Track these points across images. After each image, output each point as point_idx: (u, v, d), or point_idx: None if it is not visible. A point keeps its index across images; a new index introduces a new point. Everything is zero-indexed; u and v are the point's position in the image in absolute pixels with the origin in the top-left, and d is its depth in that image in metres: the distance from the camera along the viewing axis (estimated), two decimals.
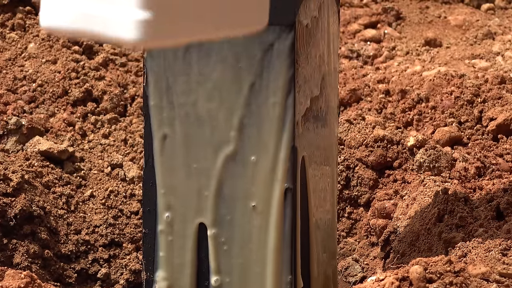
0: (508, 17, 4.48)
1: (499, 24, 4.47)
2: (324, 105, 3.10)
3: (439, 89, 3.92)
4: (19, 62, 4.00)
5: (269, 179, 2.91)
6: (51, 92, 3.92)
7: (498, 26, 4.47)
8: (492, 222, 3.37)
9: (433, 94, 3.91)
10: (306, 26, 2.95)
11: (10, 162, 3.91)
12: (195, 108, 2.96)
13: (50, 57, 3.95)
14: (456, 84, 3.90)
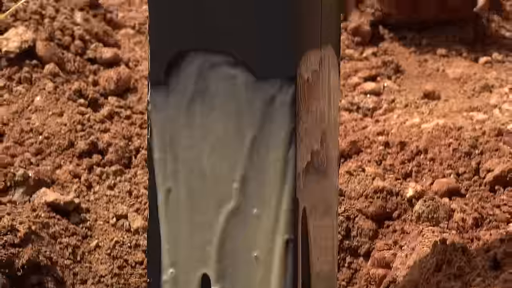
0: (505, 71, 4.51)
1: (496, 77, 4.49)
2: (324, 157, 3.06)
3: (438, 141, 3.94)
4: (26, 115, 4.02)
5: (271, 231, 2.85)
6: (57, 144, 3.95)
7: (495, 79, 4.50)
8: (489, 272, 3.32)
9: (431, 146, 3.94)
10: (307, 80, 2.88)
11: (17, 213, 3.83)
12: (199, 162, 2.91)
13: (56, 110, 3.98)
14: (454, 136, 3.93)
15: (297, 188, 2.81)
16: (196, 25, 2.94)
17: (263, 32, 2.84)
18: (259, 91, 2.82)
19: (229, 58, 2.82)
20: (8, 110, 4.04)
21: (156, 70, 2.94)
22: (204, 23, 2.92)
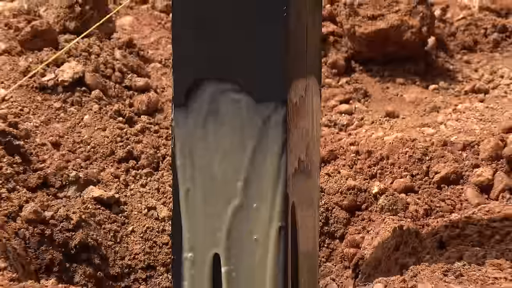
0: (449, 95, 4.48)
1: (442, 100, 4.48)
2: (309, 163, 3.10)
3: (396, 150, 3.94)
4: (77, 130, 4.03)
5: (268, 220, 2.88)
6: (102, 152, 3.97)
7: (442, 102, 4.49)
8: (436, 251, 3.42)
9: (392, 154, 3.94)
10: (295, 103, 2.93)
11: (70, 206, 3.89)
12: (211, 168, 2.95)
13: (100, 125, 4.00)
14: (409, 146, 3.93)
15: (288, 187, 2.82)
16: (209, 59, 2.93)
17: (261, 66, 2.84)
18: (258, 112, 2.84)
19: (235, 86, 2.82)
20: (63, 125, 4.01)
21: (178, 95, 2.95)
22: (215, 59, 2.92)
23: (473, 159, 3.89)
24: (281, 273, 2.97)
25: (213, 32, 2.98)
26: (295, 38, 3.07)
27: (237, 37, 2.94)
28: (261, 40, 2.91)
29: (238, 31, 2.94)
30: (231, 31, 2.93)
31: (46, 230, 3.62)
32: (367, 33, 4.33)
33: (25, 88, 4.13)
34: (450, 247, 3.39)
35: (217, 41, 2.98)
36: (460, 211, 3.78)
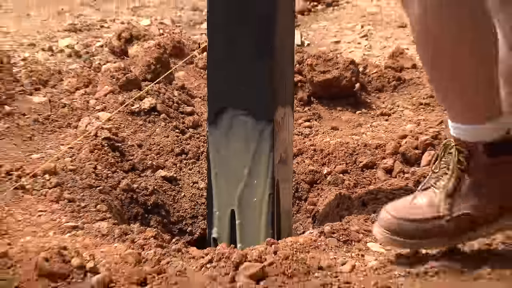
0: (368, 117, 4.36)
1: (364, 120, 4.37)
2: (286, 157, 3.08)
3: (337, 148, 3.84)
4: (151, 137, 4.04)
5: (262, 190, 2.87)
6: (166, 150, 3.83)
7: (363, 121, 4.37)
8: (360, 208, 3.27)
9: (334, 151, 3.82)
10: (278, 122, 2.95)
11: (148, 181, 3.51)
12: (229, 160, 2.94)
13: (165, 134, 3.94)
14: (345, 146, 3.86)
15: (274, 172, 2.87)
16: (228, 95, 2.92)
17: (259, 99, 2.83)
18: (257, 127, 2.85)
19: (244, 111, 2.84)
20: (144, 134, 3.88)
21: (211, 117, 2.96)
22: (231, 94, 2.90)
23: (382, 154, 3.80)
24: (270, 221, 2.97)
25: (228, 78, 2.92)
26: (278, 85, 3.09)
27: (243, 79, 2.89)
28: (258, 82, 2.89)
29: (243, 75, 2.89)
30: (239, 76, 2.88)
31: (134, 195, 3.60)
32: (320, 81, 4.20)
33: (122, 113, 4.01)
34: (369, 206, 3.28)
35: (231, 83, 2.93)
36: (374, 184, 3.68)
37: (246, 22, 2.71)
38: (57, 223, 2.59)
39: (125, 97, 3.78)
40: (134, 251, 2.36)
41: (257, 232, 2.92)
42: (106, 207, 2.84)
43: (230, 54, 2.82)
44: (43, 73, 3.93)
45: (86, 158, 3.14)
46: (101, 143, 3.32)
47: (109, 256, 2.34)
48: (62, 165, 3.04)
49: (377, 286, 2.16)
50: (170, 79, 3.94)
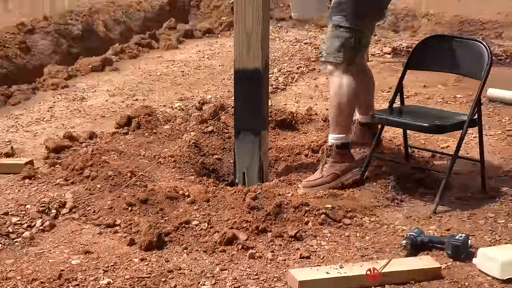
0: (299, 134, 4.67)
1: (297, 140, 4.49)
2: (265, 150, 3.80)
3: (286, 146, 4.24)
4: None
5: (256, 162, 3.63)
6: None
7: (297, 137, 4.53)
8: (295, 170, 3.90)
9: (284, 147, 4.25)
10: (263, 135, 3.68)
11: (209, 160, 4.11)
12: (242, 153, 3.66)
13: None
14: (289, 146, 4.28)
15: (261, 155, 3.65)
16: (242, 124, 3.71)
17: (255, 127, 3.67)
18: (255, 140, 3.67)
19: (250, 132, 3.68)
20: (208, 141, 4.33)
21: (235, 133, 3.76)
22: (244, 123, 3.69)
23: (304, 148, 4.24)
24: (258, 174, 3.71)
25: (241, 118, 3.69)
26: (262, 122, 3.71)
27: (247, 118, 3.69)
28: (255, 121, 3.66)
29: (247, 117, 3.67)
30: (246, 117, 3.69)
31: (204, 166, 4.05)
32: (278, 120, 4.55)
33: (200, 133, 4.45)
34: (298, 169, 3.91)
35: (242, 119, 3.70)
36: (300, 161, 4.12)
37: (250, 98, 3.66)
38: (173, 176, 3.73)
39: (200, 126, 4.49)
40: (204, 188, 3.52)
41: (254, 178, 3.71)
42: (193, 170, 3.89)
43: (243, 109, 3.69)
44: (168, 116, 4.74)
45: (185, 151, 4.08)
46: (191, 145, 4.17)
47: (194, 189, 3.49)
48: (176, 153, 4.02)
49: (302, 201, 3.24)
50: (219, 119, 4.57)
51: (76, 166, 3.68)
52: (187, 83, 5.77)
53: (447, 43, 3.65)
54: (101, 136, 4.32)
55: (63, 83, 5.69)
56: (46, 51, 6.35)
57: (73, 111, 5.02)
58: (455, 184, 3.65)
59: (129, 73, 6.06)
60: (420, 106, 4.58)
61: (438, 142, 4.27)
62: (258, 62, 3.45)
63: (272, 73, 5.78)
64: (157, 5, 8.42)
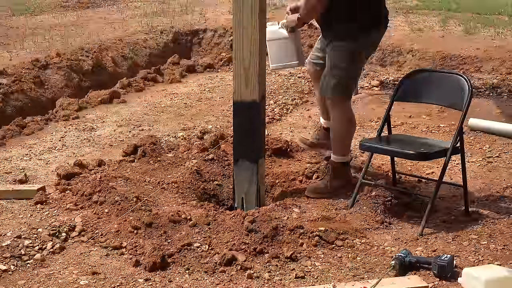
0: (294, 161, 4.66)
1: (292, 166, 4.47)
2: (262, 174, 3.78)
3: (281, 173, 4.30)
4: None
5: (254, 187, 3.63)
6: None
7: (292, 165, 4.52)
8: (289, 195, 3.95)
9: (280, 174, 4.28)
10: (260, 163, 3.65)
11: (209, 186, 4.12)
12: (241, 179, 3.68)
13: None
14: (285, 172, 4.26)
15: (259, 180, 3.65)
16: (241, 152, 3.70)
17: (252, 154, 3.66)
18: (251, 164, 3.65)
19: (246, 159, 3.68)
20: (209, 168, 4.37)
21: (234, 160, 3.74)
22: (242, 152, 3.69)
23: (298, 175, 4.25)
24: (255, 199, 3.69)
25: (239, 147, 3.69)
26: (259, 150, 3.74)
27: (246, 148, 3.68)
28: (253, 150, 3.65)
29: (247, 146, 3.67)
30: (245, 146, 3.68)
31: (205, 191, 4.06)
32: (274, 148, 4.52)
33: (201, 160, 4.46)
34: (293, 194, 3.96)
35: (241, 148, 3.70)
36: (295, 186, 4.15)
37: (248, 128, 3.62)
38: (176, 201, 3.75)
39: (201, 154, 4.50)
40: (205, 212, 3.52)
41: (251, 203, 3.70)
42: (195, 196, 3.92)
43: (242, 138, 3.70)
44: (172, 145, 4.73)
45: (188, 177, 4.10)
46: (193, 171, 4.18)
47: (195, 213, 3.50)
48: (179, 179, 4.04)
49: (297, 224, 3.29)
50: (219, 147, 4.56)
51: (85, 191, 3.72)
52: (189, 114, 5.82)
53: (431, 76, 3.71)
54: (109, 163, 4.34)
55: (74, 114, 5.74)
56: (58, 85, 6.41)
57: (83, 141, 5.07)
58: (440, 208, 3.70)
59: (136, 105, 6.14)
60: (406, 135, 4.64)
61: (423, 168, 4.30)
62: (256, 95, 3.49)
63: (268, 105, 5.84)
64: (162, 42, 8.51)
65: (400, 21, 8.42)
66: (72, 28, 8.50)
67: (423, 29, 8.47)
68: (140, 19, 9.27)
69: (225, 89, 6.60)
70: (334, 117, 3.78)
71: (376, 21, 3.64)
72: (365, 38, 3.60)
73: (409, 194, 3.78)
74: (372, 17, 3.62)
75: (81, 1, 11.06)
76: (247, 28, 3.39)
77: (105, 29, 8.58)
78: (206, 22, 9.31)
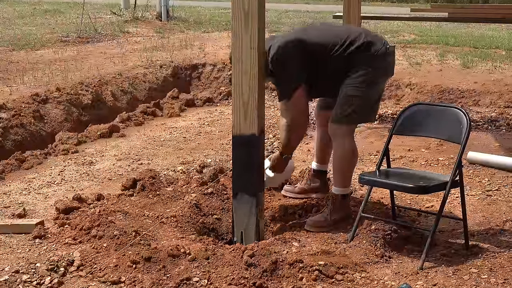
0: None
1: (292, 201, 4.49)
2: (261, 208, 3.79)
3: (280, 207, 4.30)
4: None
5: (253, 222, 3.64)
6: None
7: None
8: (289, 230, 3.95)
9: (279, 208, 4.30)
10: (259, 195, 3.66)
11: (208, 220, 4.12)
12: (240, 212, 3.65)
13: None
14: (283, 205, 4.23)
15: (258, 214, 3.65)
16: (240, 185, 3.74)
17: (251, 189, 3.68)
18: (250, 198, 3.66)
19: (245, 192, 3.69)
20: (208, 202, 4.45)
21: (233, 194, 3.75)
22: (242, 185, 3.70)
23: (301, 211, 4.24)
24: (255, 231, 3.69)
25: (238, 181, 3.69)
26: (258, 184, 3.74)
27: (244, 183, 3.71)
28: (251, 185, 3.68)
29: (244, 182, 3.71)
30: (243, 181, 3.69)
31: (204, 225, 4.03)
32: None
33: (200, 194, 4.42)
34: (293, 228, 3.95)
35: (240, 182, 3.71)
36: (293, 221, 4.17)
37: (247, 162, 3.62)
38: (175, 235, 3.73)
39: (200, 188, 4.47)
40: (204, 246, 3.50)
41: (251, 237, 3.68)
42: (194, 230, 3.89)
43: (241, 172, 3.70)
44: (171, 179, 4.72)
45: (187, 211, 4.07)
46: (192, 205, 4.16)
47: (194, 247, 3.47)
48: (178, 213, 4.01)
49: (296, 258, 3.27)
50: (218, 181, 4.57)
51: (84, 226, 3.70)
52: (188, 148, 5.82)
53: (429, 110, 3.74)
54: (108, 197, 4.34)
55: (73, 148, 5.75)
56: (58, 119, 6.45)
57: (82, 175, 5.07)
58: (440, 241, 3.70)
59: (135, 139, 6.16)
60: (406, 168, 4.67)
61: (423, 202, 4.30)
62: (255, 129, 3.51)
63: (267, 138, 5.84)
64: (161, 76, 8.56)
65: (398, 55, 8.36)
66: (72, 63, 8.55)
67: (421, 63, 8.62)
68: (140, 53, 9.38)
69: (224, 123, 6.67)
70: (338, 147, 3.82)
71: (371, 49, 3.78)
72: (379, 63, 3.76)
73: (409, 228, 3.78)
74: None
75: (81, 36, 11.20)
76: (246, 63, 3.44)
77: (105, 63, 8.66)
78: (205, 57, 9.43)
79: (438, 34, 11.64)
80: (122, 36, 11.72)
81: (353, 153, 3.81)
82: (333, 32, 3.83)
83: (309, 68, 3.74)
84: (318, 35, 3.83)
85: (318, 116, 4.14)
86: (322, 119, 4.10)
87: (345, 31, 3.86)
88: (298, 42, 3.75)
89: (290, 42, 3.74)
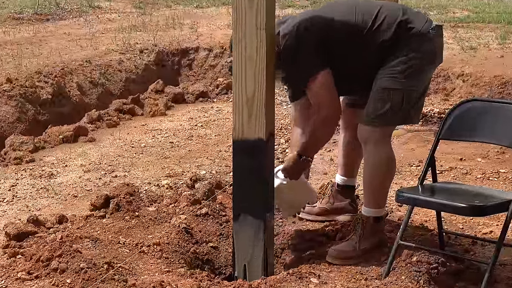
0: None
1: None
2: (270, 235, 3.81)
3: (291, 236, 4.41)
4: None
5: (260, 252, 3.63)
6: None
7: None
8: (305, 262, 3.99)
9: (292, 237, 4.36)
10: (266, 218, 3.72)
11: (202, 249, 4.19)
12: (242, 238, 3.68)
13: None
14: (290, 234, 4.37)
15: (265, 241, 3.64)
16: (242, 206, 3.78)
17: (256, 209, 3.68)
18: (255, 220, 3.68)
19: (252, 213, 3.71)
20: (201, 226, 4.50)
21: (234, 216, 3.78)
22: (244, 206, 3.73)
23: None
24: (262, 265, 3.71)
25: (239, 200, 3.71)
26: (265, 203, 3.77)
27: (249, 202, 3.72)
28: (256, 204, 3.69)
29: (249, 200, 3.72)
30: (247, 200, 3.70)
31: (197, 255, 4.08)
32: None
33: (192, 216, 4.50)
34: (309, 260, 4.03)
35: (242, 202, 3.74)
36: (306, 255, 4.20)
37: (252, 174, 3.61)
38: (159, 269, 3.74)
39: (192, 208, 4.50)
40: (196, 283, 3.55)
41: (257, 271, 3.67)
42: (183, 261, 3.91)
43: (244, 188, 3.68)
44: (154, 196, 4.75)
45: (174, 237, 4.10)
46: (181, 230, 4.19)
47: (184, 284, 3.49)
48: (163, 241, 4.03)
49: None
50: (214, 199, 4.63)
51: (41, 256, 3.69)
52: (176, 157, 5.86)
53: (487, 108, 3.74)
54: (73, 220, 4.35)
55: (28, 156, 5.75)
56: (8, 119, 6.44)
57: (40, 190, 5.07)
58: (501, 277, 3.69)
59: (108, 144, 6.18)
60: (456, 182, 4.67)
61: (479, 227, 4.32)
62: (261, 132, 3.50)
63: (278, 144, 5.84)
64: (142, 64, 8.50)
65: (447, 37, 8.40)
66: (27, 47, 8.56)
67: (476, 47, 8.55)
68: (114, 35, 9.37)
69: (223, 124, 6.71)
70: (370, 156, 3.81)
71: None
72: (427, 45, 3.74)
73: (461, 260, 3.80)
74: None
75: (38, 13, 11.21)
76: (250, 47, 3.40)
77: (69, 47, 8.67)
78: (199, 39, 9.40)
79: (498, 10, 11.51)
80: (91, 12, 11.72)
81: (389, 163, 3.81)
82: (362, 9, 3.77)
83: (331, 57, 3.70)
84: (343, 12, 3.77)
85: (344, 115, 4.07)
86: (349, 119, 4.09)
87: (378, 7, 3.79)
88: (317, 22, 3.70)
89: (305, 22, 3.69)
